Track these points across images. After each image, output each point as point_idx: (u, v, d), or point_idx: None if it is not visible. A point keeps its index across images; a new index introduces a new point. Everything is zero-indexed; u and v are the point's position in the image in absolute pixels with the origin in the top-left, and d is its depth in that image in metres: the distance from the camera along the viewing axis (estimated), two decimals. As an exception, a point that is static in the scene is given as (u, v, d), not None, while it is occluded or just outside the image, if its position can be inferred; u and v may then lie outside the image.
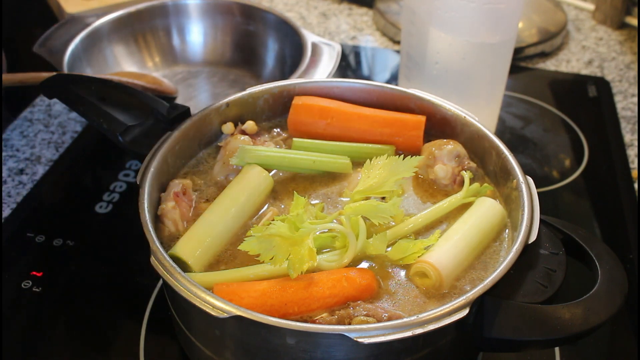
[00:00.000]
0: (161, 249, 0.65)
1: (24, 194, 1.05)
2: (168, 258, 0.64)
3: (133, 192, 0.85)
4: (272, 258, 0.64)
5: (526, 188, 0.72)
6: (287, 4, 1.68)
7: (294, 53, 1.19)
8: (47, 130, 1.21)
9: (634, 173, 1.13)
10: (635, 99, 1.34)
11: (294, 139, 0.84)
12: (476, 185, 0.78)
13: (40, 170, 1.11)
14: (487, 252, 0.72)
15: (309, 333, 0.58)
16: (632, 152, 1.19)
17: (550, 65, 1.46)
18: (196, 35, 1.31)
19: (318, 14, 1.64)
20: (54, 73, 0.96)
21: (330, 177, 0.82)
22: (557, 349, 0.83)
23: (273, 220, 0.66)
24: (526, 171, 0.75)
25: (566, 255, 0.69)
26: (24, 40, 1.24)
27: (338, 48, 1.17)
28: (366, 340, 0.57)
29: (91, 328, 0.85)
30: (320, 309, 0.65)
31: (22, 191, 1.06)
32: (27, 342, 0.82)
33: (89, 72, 1.17)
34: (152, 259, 0.64)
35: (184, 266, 0.68)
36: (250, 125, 0.84)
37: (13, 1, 1.34)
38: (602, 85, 1.38)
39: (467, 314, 0.59)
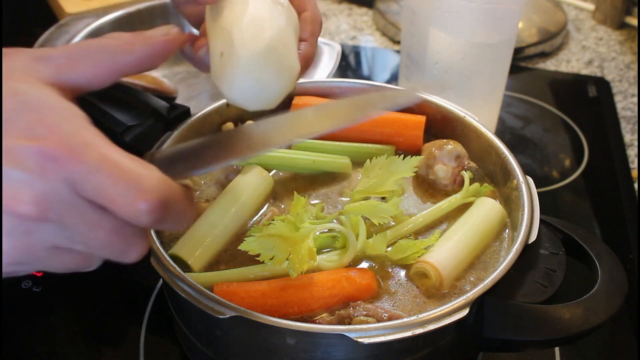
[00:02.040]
0: (161, 249, 0.65)
1: (24, 194, 1.05)
2: (168, 258, 0.64)
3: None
4: (272, 258, 0.64)
5: (526, 188, 0.72)
6: (287, 4, 1.68)
7: (294, 53, 1.19)
8: (47, 130, 1.20)
9: (634, 173, 1.13)
10: (635, 99, 1.34)
11: (294, 139, 0.84)
12: (476, 185, 0.78)
13: (40, 170, 1.11)
14: (487, 252, 0.72)
15: (309, 333, 0.58)
16: (632, 152, 1.19)
17: (550, 65, 1.46)
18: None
19: (318, 14, 1.64)
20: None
21: (330, 177, 0.82)
22: (557, 349, 0.83)
23: (273, 220, 0.66)
24: (526, 171, 0.75)
25: (566, 255, 0.69)
26: (24, 40, 1.24)
27: (338, 48, 1.17)
28: (366, 340, 0.57)
29: (91, 328, 0.85)
30: (320, 309, 0.65)
31: (22, 191, 1.06)
32: (27, 342, 0.82)
33: (89, 72, 1.17)
34: (152, 259, 0.64)
35: (184, 266, 0.68)
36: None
37: (13, 1, 1.34)
38: (602, 85, 1.38)
39: (467, 314, 0.59)
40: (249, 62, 0.58)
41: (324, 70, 1.12)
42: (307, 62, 0.66)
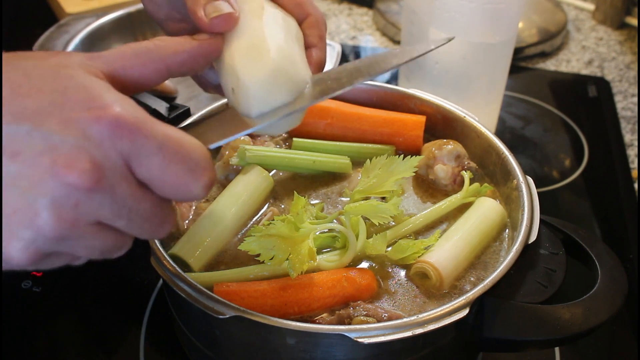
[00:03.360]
0: (161, 249, 0.65)
1: (24, 194, 1.05)
2: (168, 258, 0.64)
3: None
4: (272, 258, 0.64)
5: (526, 188, 0.72)
6: (287, 4, 1.68)
7: (294, 53, 1.19)
8: (47, 130, 1.20)
9: (634, 173, 1.13)
10: (635, 99, 1.34)
11: (294, 139, 0.84)
12: (476, 185, 0.78)
13: (40, 170, 1.11)
14: (487, 252, 0.72)
15: (309, 333, 0.58)
16: (632, 152, 1.19)
17: (550, 65, 1.46)
18: (196, 35, 1.31)
19: (318, 14, 1.64)
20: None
21: (330, 177, 0.82)
22: (557, 349, 0.83)
23: (273, 220, 0.66)
24: (526, 171, 0.75)
25: (566, 255, 0.69)
26: (24, 40, 1.24)
27: (338, 48, 1.17)
28: (366, 340, 0.57)
29: (91, 328, 0.85)
30: (320, 309, 0.65)
31: (22, 191, 1.06)
32: (27, 342, 0.82)
33: (89, 72, 1.17)
34: (152, 259, 0.64)
35: (184, 266, 0.68)
36: (250, 125, 0.84)
37: (13, 1, 1.34)
38: (602, 85, 1.38)
39: (467, 314, 0.59)
40: (259, 90, 0.57)
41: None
42: (321, 67, 0.65)
